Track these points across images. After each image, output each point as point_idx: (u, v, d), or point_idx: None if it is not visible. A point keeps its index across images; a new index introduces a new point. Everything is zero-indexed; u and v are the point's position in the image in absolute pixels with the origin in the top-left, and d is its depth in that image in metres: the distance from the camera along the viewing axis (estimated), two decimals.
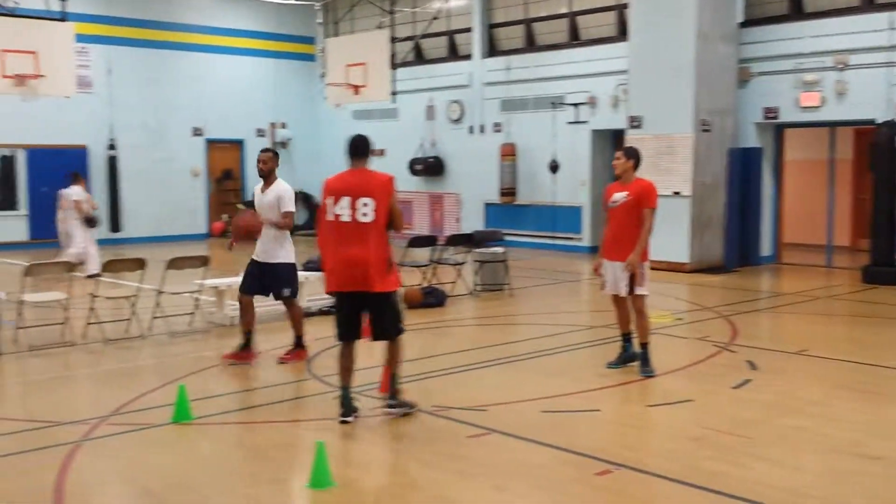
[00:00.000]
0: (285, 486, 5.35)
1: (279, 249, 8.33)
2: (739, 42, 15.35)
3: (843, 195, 16.90)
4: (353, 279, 6.21)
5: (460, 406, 6.74)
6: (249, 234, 8.32)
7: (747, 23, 15.44)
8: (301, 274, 10.88)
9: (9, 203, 19.05)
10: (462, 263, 12.76)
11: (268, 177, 8.42)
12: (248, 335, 8.38)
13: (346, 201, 6.21)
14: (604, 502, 4.88)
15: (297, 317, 8.52)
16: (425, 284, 11.89)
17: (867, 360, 8.33)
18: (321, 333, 9.53)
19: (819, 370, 8.00)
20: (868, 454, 5.62)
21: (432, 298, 11.50)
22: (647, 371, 7.73)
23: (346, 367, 6.47)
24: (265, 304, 9.39)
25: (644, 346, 7.82)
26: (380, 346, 6.98)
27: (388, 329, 6.49)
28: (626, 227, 7.70)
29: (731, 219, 15.19)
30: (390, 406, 6.56)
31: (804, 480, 5.18)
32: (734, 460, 5.55)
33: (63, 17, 15.20)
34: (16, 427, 6.31)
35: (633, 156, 7.88)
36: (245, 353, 8.36)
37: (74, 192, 14.63)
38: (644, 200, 7.67)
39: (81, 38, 17.30)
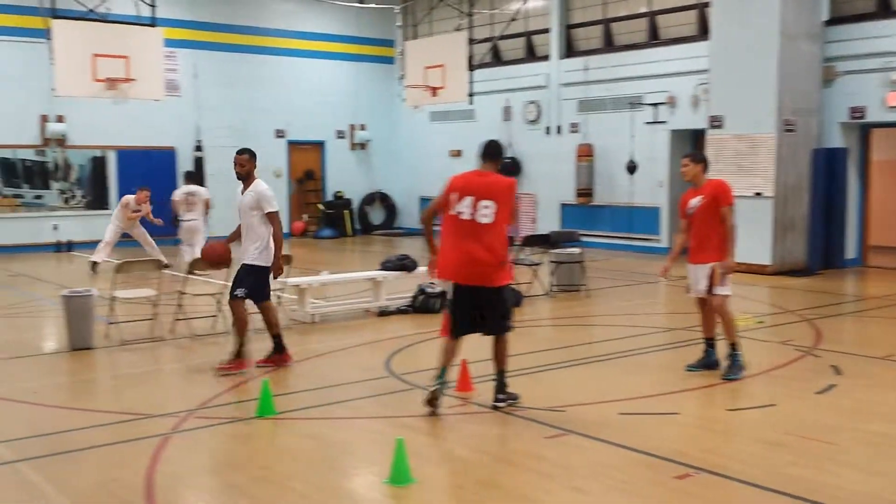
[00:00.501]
0: (365, 480, 5.46)
1: (249, 251, 7.98)
2: (824, 41, 14.98)
3: None
4: (471, 275, 6.55)
5: (538, 406, 6.77)
6: (218, 264, 8.53)
7: (833, 21, 15.05)
8: (379, 273, 11.10)
9: (100, 202, 19.75)
10: (538, 264, 12.76)
11: (246, 178, 8.14)
12: (240, 342, 8.05)
13: (468, 201, 6.57)
14: None
15: (269, 320, 8.17)
16: None
17: None
18: (399, 332, 9.67)
19: None
20: None
21: None
22: (732, 374, 7.61)
23: (450, 359, 6.73)
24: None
25: (732, 346, 7.72)
26: (461, 346, 7.06)
27: (500, 323, 6.75)
28: (706, 229, 7.67)
29: (814, 220, 14.84)
30: (499, 401, 6.73)
31: (889, 487, 5.06)
32: (817, 466, 5.46)
33: (152, 22, 15.71)
34: (109, 419, 6.57)
35: (701, 159, 7.88)
36: (237, 361, 8.01)
37: (202, 190, 15.26)
38: (720, 199, 7.63)
39: (169, 42, 17.86)
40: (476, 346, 9.24)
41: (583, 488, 5.14)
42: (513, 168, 20.48)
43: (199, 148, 20.64)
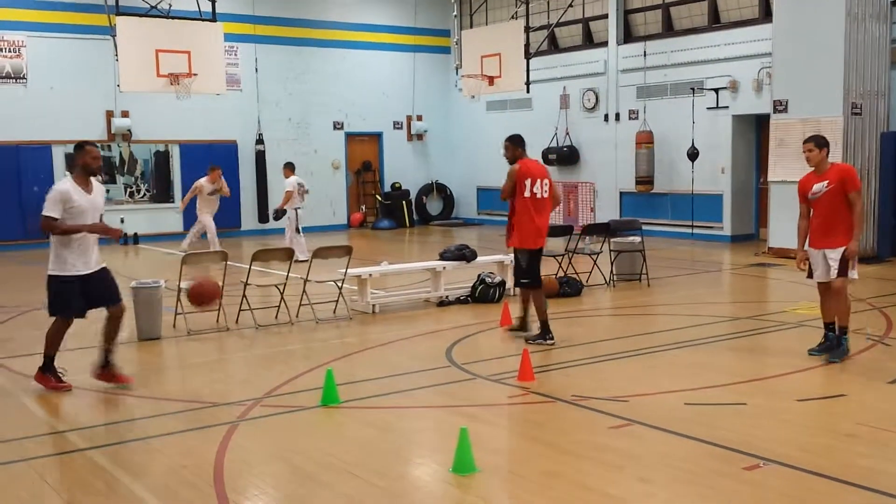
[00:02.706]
0: (430, 469, 5.48)
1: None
2: (892, 21, 14.54)
3: None
4: (543, 239, 8.76)
5: (600, 396, 6.72)
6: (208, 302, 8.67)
7: None
8: (438, 263, 11.12)
9: (164, 196, 20.14)
10: (598, 253, 12.65)
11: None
12: (105, 353, 7.37)
13: (539, 183, 8.61)
14: (752, 498, 4.77)
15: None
16: (561, 274, 11.86)
17: None
18: (459, 322, 9.69)
19: None
20: None
21: (568, 288, 11.46)
22: (836, 357, 7.69)
23: (543, 303, 8.78)
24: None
25: (843, 329, 7.78)
26: (500, 336, 7.03)
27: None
28: (833, 214, 7.69)
29: (883, 206, 14.44)
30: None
31: None
32: (891, 457, 5.33)
33: (213, 17, 15.94)
34: (178, 407, 6.71)
35: (825, 144, 7.83)
36: (106, 372, 7.40)
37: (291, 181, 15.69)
38: (848, 185, 7.66)
39: (230, 37, 18.10)
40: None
41: (648, 479, 5.09)
42: (571, 156, 20.35)
43: (260, 141, 20.90)
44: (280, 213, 15.72)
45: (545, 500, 4.94)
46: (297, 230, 15.62)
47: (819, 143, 7.80)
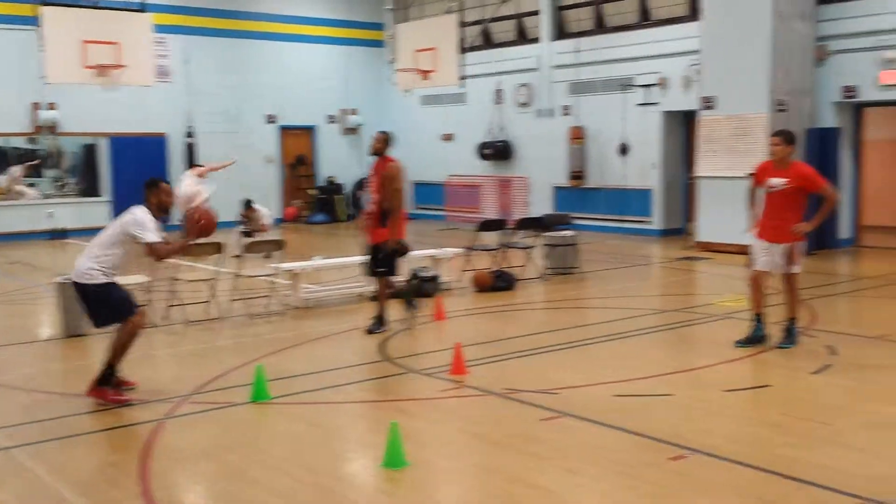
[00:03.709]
0: (361, 464, 5.46)
1: None
2: (817, 19, 14.94)
3: None
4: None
5: (532, 389, 6.77)
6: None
7: (825, 0, 15.01)
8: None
9: (92, 190, 19.64)
10: (531, 247, 12.75)
11: None
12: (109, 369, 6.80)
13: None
14: (679, 487, 4.86)
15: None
16: (495, 268, 11.92)
17: None
18: (393, 316, 9.65)
19: None
20: None
21: (502, 282, 11.52)
22: (787, 343, 7.94)
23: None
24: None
25: (792, 320, 8.04)
26: (455, 330, 7.01)
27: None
28: (785, 212, 7.84)
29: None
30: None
31: (886, 468, 5.07)
32: (814, 447, 5.47)
33: (142, 8, 15.59)
34: (104, 405, 6.55)
35: (793, 141, 7.96)
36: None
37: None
38: (811, 186, 7.87)
39: (160, 28, 17.68)
40: (469, 330, 9.26)
41: (577, 470, 5.15)
42: (505, 151, 20.45)
43: (190, 134, 20.53)
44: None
45: (475, 493, 4.97)
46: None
47: (787, 138, 7.90)
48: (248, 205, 16.08)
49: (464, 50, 17.72)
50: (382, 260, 8.98)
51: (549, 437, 5.72)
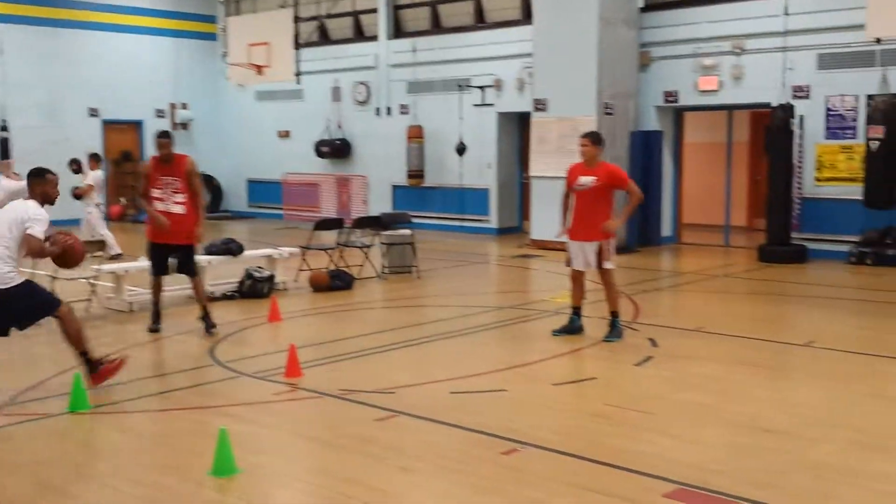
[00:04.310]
0: (188, 474, 5.22)
1: None
2: (640, 26, 15.65)
3: (740, 177, 17.45)
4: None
5: (368, 389, 6.71)
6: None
7: (648, 7, 15.75)
8: (203, 258, 10.71)
9: None
10: (369, 246, 12.69)
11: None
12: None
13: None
14: (510, 481, 4.92)
15: None
16: (332, 267, 11.79)
17: (763, 336, 8.63)
18: (225, 318, 9.38)
19: (717, 346, 8.24)
20: (765, 427, 5.81)
21: (339, 282, 11.40)
22: (612, 337, 8.23)
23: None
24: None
25: (614, 314, 8.35)
26: (290, 331, 6.84)
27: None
28: (593, 209, 8.17)
29: None
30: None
31: (705, 455, 5.32)
32: (636, 436, 5.68)
33: None
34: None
35: (600, 142, 8.35)
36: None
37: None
38: (616, 184, 8.25)
39: None
40: (305, 332, 9.10)
41: (411, 468, 5.13)
42: (343, 149, 20.30)
43: (4, 128, 19.20)
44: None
45: (308, 497, 4.86)
46: (98, 225, 14.64)
47: (595, 140, 8.34)
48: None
49: (299, 46, 17.45)
50: (191, 259, 8.77)
51: (383, 436, 5.68)
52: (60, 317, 6.57)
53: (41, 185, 6.58)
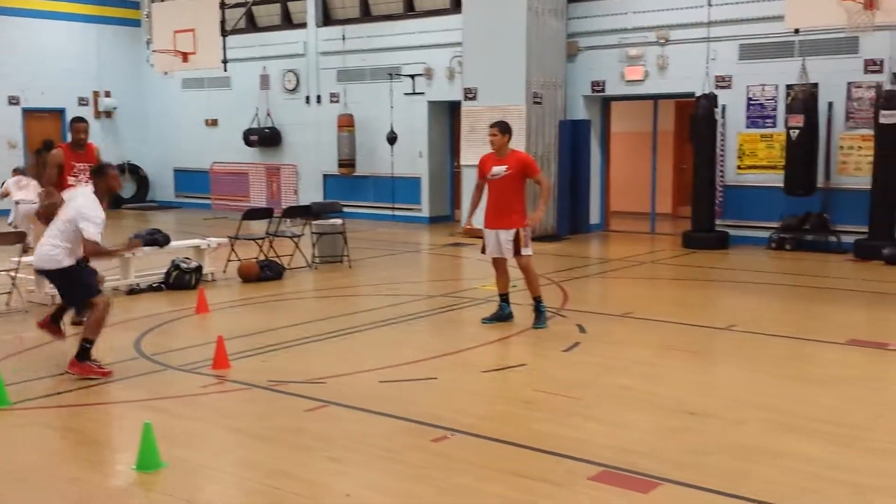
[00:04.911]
0: (113, 469, 5.14)
1: None
2: (568, 17, 15.79)
3: (665, 165, 17.78)
4: None
5: (298, 380, 6.67)
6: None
7: None
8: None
9: None
10: (299, 236, 12.59)
11: None
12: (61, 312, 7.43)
13: None
14: (439, 468, 4.95)
15: None
16: (262, 258, 11.66)
17: (688, 321, 8.82)
18: (151, 310, 9.23)
19: (644, 331, 8.40)
20: (690, 410, 5.95)
21: (269, 272, 11.29)
22: (540, 324, 8.33)
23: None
24: None
25: (537, 299, 8.44)
26: (219, 322, 6.75)
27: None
28: (507, 198, 8.28)
29: (562, 188, 15.68)
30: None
31: (630, 437, 5.44)
32: (564, 421, 5.77)
33: None
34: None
35: (508, 131, 8.41)
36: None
37: None
38: (528, 172, 8.33)
39: None
40: (234, 323, 9.00)
41: (340, 458, 5.12)
42: (272, 138, 20.05)
43: None
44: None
45: (235, 490, 4.82)
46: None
47: (503, 128, 8.39)
48: None
49: (226, 32, 17.15)
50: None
51: (313, 427, 5.65)
52: (95, 303, 6.88)
53: (104, 180, 6.97)
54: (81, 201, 6.81)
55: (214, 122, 21.35)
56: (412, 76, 17.79)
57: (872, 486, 4.65)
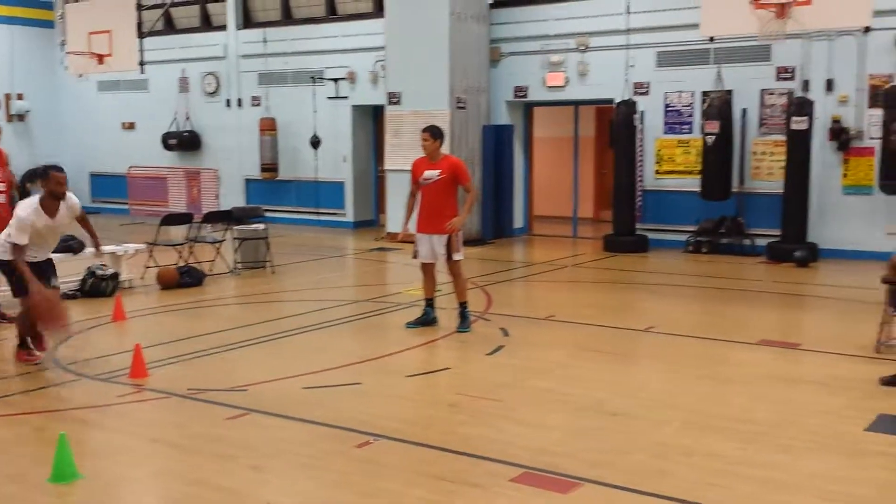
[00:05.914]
0: (26, 482, 4.97)
1: None
2: (491, 22, 15.93)
3: (587, 170, 18.10)
4: None
5: (219, 388, 6.58)
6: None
7: (497, 3, 16.02)
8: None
9: None
10: (221, 241, 12.41)
11: None
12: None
13: None
14: (363, 474, 4.94)
15: None
16: (181, 264, 11.45)
17: (608, 323, 8.98)
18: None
19: (566, 334, 8.53)
20: (608, 411, 6.06)
21: (189, 278, 11.10)
22: (464, 328, 8.41)
23: None
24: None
25: (462, 304, 8.52)
26: (136, 330, 6.62)
27: None
28: (440, 202, 8.35)
29: (486, 193, 15.79)
30: None
31: (550, 438, 5.51)
32: (487, 423, 5.81)
33: None
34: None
35: (440, 136, 8.45)
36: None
37: None
38: (459, 177, 8.41)
39: None
40: (152, 331, 8.82)
41: (262, 466, 5.06)
42: (192, 142, 19.71)
43: None
44: None
45: (153, 501, 4.73)
46: None
47: (435, 133, 8.43)
48: None
49: (143, 34, 16.82)
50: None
51: (234, 435, 5.58)
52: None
53: (46, 183, 7.09)
54: (21, 205, 7.10)
55: (132, 126, 20.89)
56: (335, 80, 17.70)
57: (779, 481, 4.81)
